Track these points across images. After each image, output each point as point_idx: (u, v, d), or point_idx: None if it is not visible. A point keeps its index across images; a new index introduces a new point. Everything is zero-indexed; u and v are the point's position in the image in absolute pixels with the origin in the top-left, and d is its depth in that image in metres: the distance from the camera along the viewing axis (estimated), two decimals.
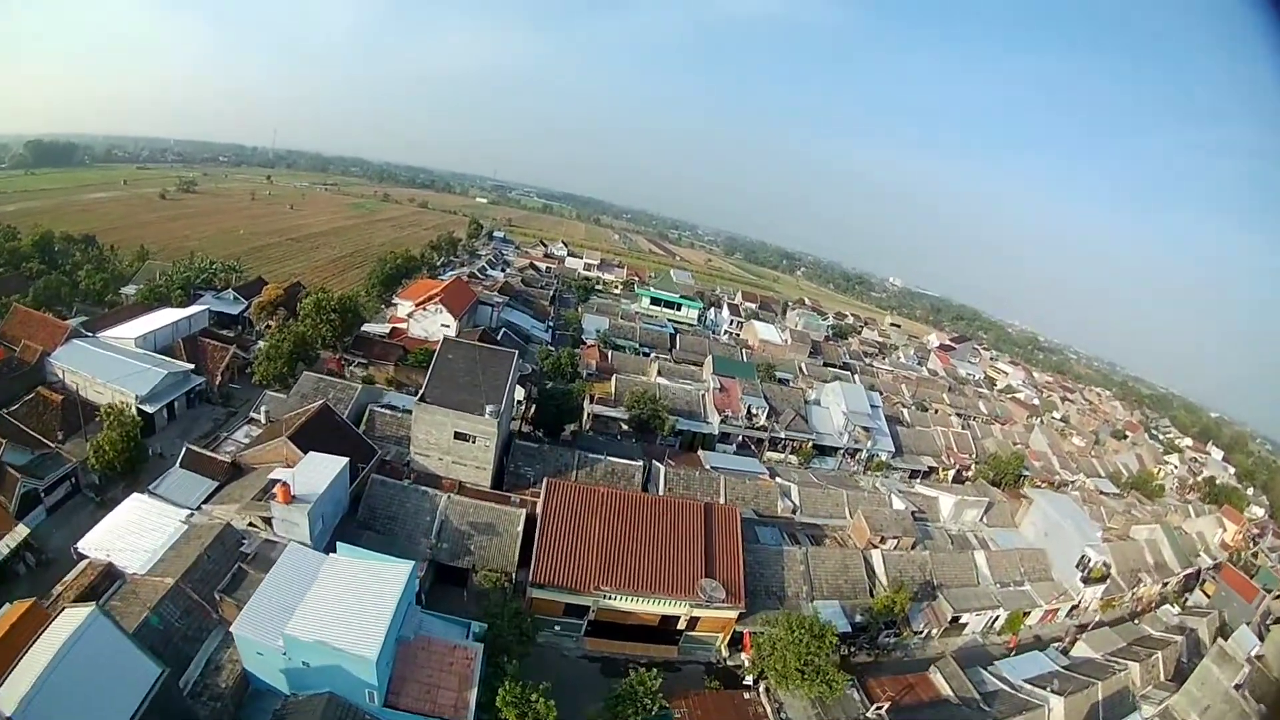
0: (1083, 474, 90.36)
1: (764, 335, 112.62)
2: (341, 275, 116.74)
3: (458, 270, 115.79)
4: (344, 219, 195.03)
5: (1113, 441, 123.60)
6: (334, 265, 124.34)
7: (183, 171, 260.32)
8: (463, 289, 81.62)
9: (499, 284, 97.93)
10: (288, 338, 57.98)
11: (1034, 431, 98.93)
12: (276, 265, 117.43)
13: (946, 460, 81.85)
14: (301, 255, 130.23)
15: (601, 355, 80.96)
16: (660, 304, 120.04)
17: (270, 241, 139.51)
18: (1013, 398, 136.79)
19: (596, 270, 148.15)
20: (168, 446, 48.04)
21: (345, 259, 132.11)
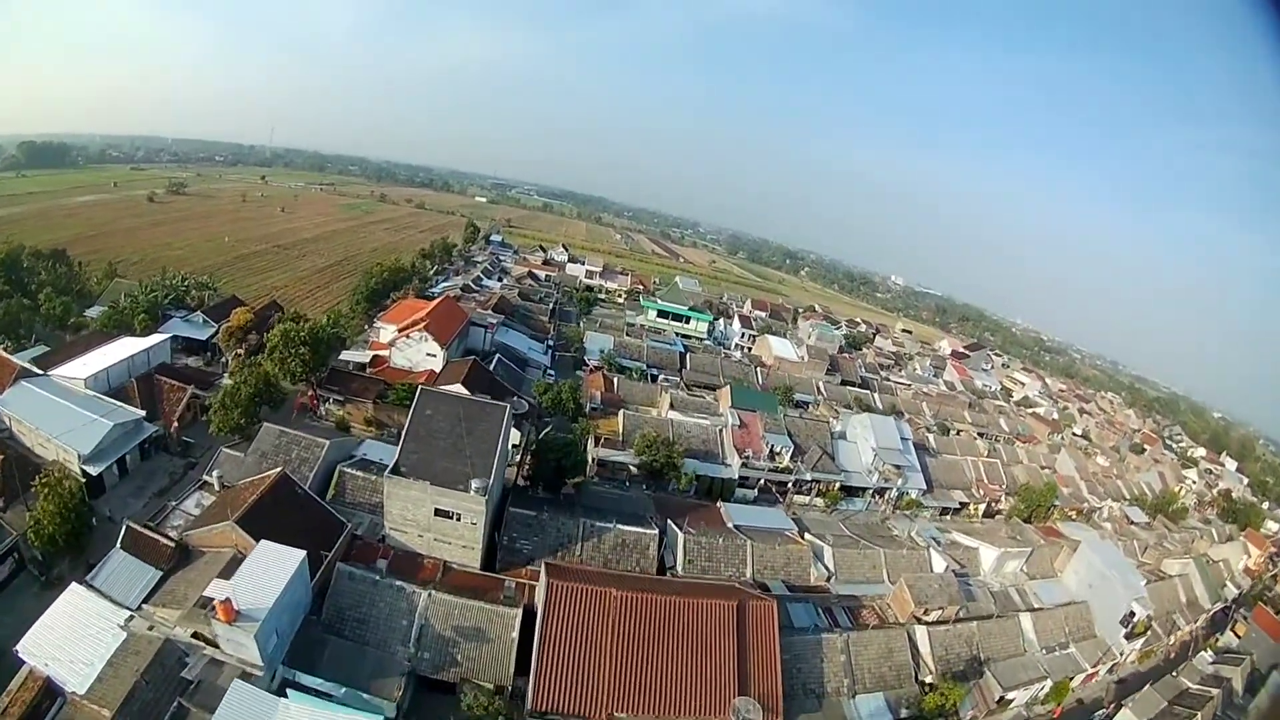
0: (1110, 499, 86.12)
1: (779, 352, 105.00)
2: (327, 288, 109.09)
3: (451, 282, 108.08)
4: (337, 222, 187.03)
5: (1133, 457, 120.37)
6: (320, 276, 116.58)
7: (176, 172, 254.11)
8: (452, 310, 73.92)
9: (494, 298, 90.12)
10: (248, 380, 50.38)
11: (1061, 454, 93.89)
12: (258, 277, 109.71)
13: (977, 493, 75.60)
14: (287, 265, 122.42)
15: (606, 383, 73.36)
16: (668, 316, 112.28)
17: (255, 249, 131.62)
18: (1033, 413, 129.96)
19: (599, 278, 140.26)
20: (119, 507, 41.93)
21: (333, 268, 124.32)
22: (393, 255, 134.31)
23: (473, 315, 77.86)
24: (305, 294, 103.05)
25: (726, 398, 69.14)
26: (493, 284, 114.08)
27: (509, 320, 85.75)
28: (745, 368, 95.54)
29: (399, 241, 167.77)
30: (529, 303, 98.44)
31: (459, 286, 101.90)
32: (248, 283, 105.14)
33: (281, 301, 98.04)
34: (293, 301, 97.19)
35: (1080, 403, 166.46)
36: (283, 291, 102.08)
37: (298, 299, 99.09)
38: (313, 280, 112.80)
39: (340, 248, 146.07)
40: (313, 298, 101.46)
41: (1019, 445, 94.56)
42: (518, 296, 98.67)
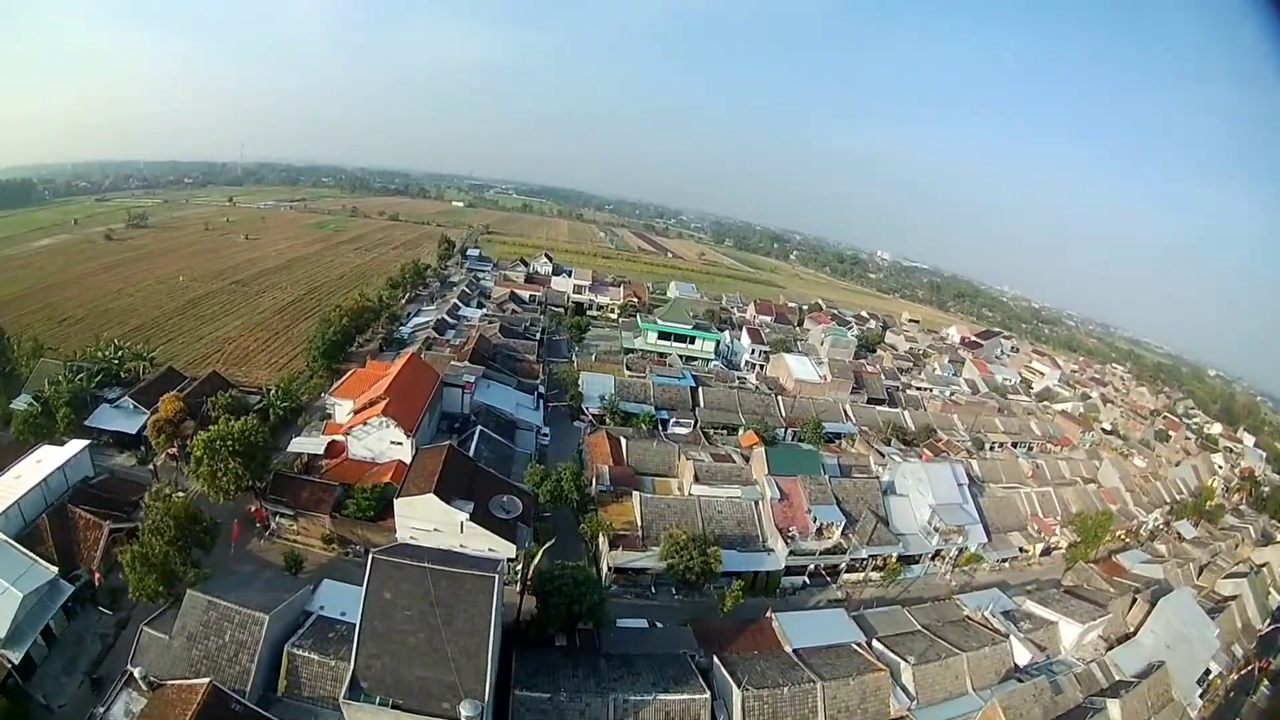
0: (1155, 506, 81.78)
1: (799, 374, 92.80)
2: (285, 334, 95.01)
3: (424, 318, 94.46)
4: (303, 245, 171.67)
5: (1161, 446, 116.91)
6: (279, 318, 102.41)
7: (143, 199, 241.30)
8: (419, 374, 60.59)
9: (471, 341, 76.77)
10: (164, 527, 37.26)
11: (1103, 464, 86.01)
12: (210, 326, 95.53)
13: (1033, 531, 67.22)
14: (243, 306, 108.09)
15: (613, 446, 60.64)
16: (669, 337, 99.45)
17: (211, 289, 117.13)
18: (1061, 411, 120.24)
19: (588, 292, 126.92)
20: (53, 690, 33.45)
21: (294, 305, 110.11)
22: (358, 287, 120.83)
23: (446, 373, 64.64)
24: (259, 346, 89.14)
25: (761, 462, 56.68)
26: (471, 312, 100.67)
27: (491, 368, 72.59)
28: (765, 399, 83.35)
29: (369, 264, 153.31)
30: (513, 339, 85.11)
31: (432, 325, 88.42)
32: (197, 335, 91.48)
33: (232, 357, 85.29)
34: (243, 358, 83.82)
35: (1098, 386, 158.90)
36: (235, 345, 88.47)
37: (249, 354, 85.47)
38: (270, 324, 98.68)
39: (304, 278, 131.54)
40: (267, 350, 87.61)
41: (1058, 456, 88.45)
42: (499, 333, 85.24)
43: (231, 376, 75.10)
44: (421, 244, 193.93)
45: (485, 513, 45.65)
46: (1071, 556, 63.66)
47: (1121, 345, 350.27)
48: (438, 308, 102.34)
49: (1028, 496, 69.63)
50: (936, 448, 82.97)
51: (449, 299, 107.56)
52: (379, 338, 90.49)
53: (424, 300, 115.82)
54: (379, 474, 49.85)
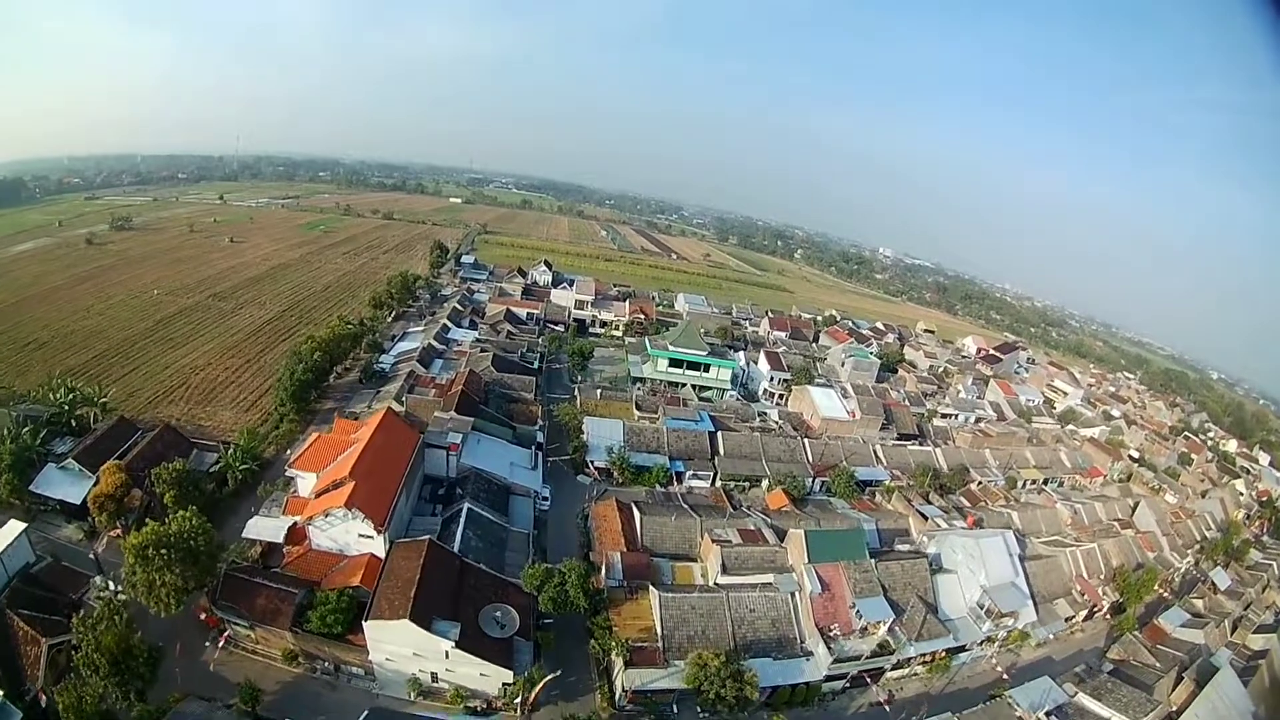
0: (1189, 550, 78.62)
1: (826, 411, 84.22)
2: (258, 361, 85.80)
3: (410, 344, 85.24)
4: (290, 249, 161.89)
5: (1188, 476, 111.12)
6: (253, 341, 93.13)
7: (134, 197, 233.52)
8: (394, 441, 51.43)
9: (461, 378, 67.74)
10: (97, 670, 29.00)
11: (1140, 506, 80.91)
12: (177, 352, 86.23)
13: (1078, 596, 61.47)
14: (216, 325, 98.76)
15: (624, 521, 51.92)
16: (682, 365, 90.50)
17: (185, 304, 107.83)
18: (1090, 439, 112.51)
19: (591, 307, 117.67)
20: None
21: (271, 326, 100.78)
22: (342, 302, 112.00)
23: (429, 430, 55.71)
24: (228, 377, 80.00)
25: (800, 549, 47.97)
26: (463, 334, 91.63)
27: (482, 414, 63.72)
28: (790, 444, 74.76)
29: (357, 272, 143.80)
30: (508, 372, 76.06)
31: (418, 354, 79.29)
32: (162, 363, 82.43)
33: (197, 392, 76.16)
34: (209, 394, 74.83)
35: (1118, 403, 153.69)
36: (202, 376, 79.41)
37: (216, 389, 76.42)
38: (242, 349, 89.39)
39: (287, 289, 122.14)
40: (236, 383, 78.50)
41: (1091, 494, 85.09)
42: (492, 365, 76.10)
43: (192, 420, 67.66)
44: (415, 246, 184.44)
45: (475, 630, 37.17)
46: (1119, 627, 59.31)
47: (1125, 347, 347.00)
48: (425, 329, 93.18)
49: (1072, 556, 63.50)
50: (973, 495, 76.74)
51: (439, 318, 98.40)
52: (360, 365, 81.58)
53: (412, 318, 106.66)
54: (348, 573, 41.08)
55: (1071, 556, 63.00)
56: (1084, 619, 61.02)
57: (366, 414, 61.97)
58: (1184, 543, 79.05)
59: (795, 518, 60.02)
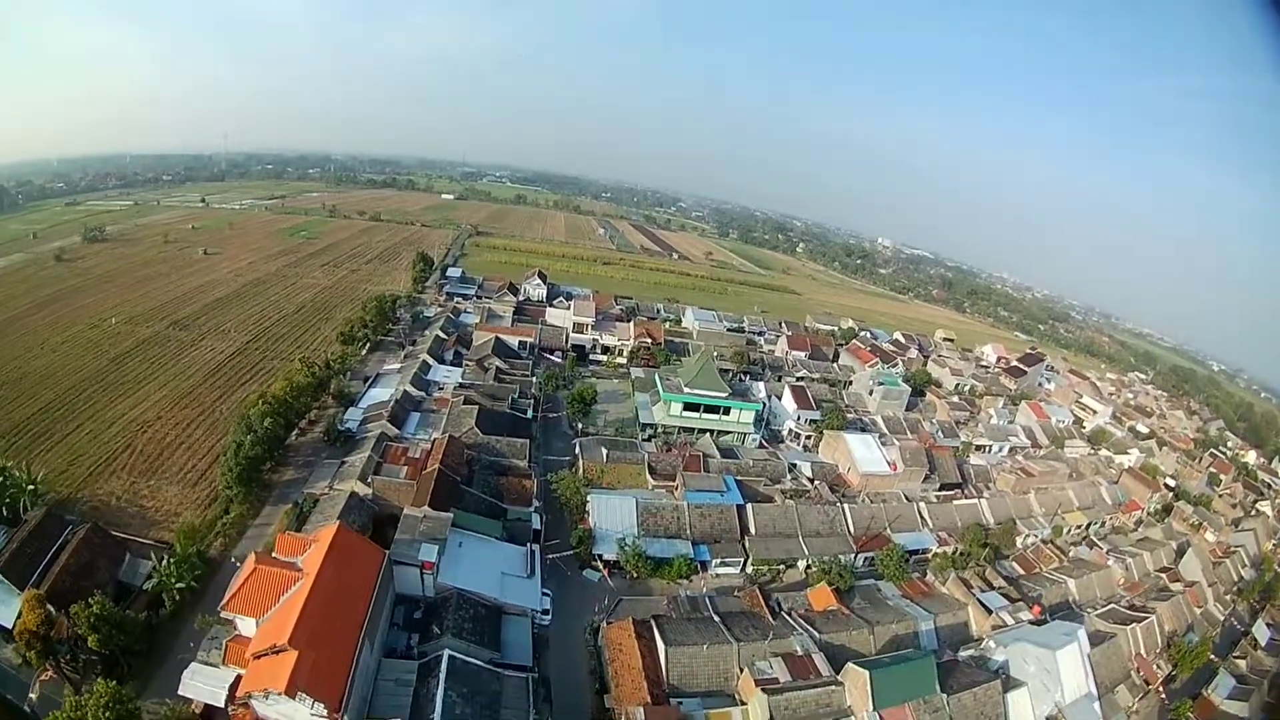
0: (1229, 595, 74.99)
1: (866, 465, 72.23)
2: (215, 409, 72.85)
3: (384, 390, 72.16)
4: (268, 260, 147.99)
5: (1220, 502, 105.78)
6: (211, 385, 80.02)
7: (117, 200, 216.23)
8: (351, 569, 38.68)
9: (439, 450, 55.02)
10: None
11: (1187, 556, 76.50)
12: (127, 399, 73.65)
13: (1136, 678, 55.73)
14: (173, 364, 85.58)
15: (643, 647, 39.80)
16: (698, 408, 77.97)
17: (145, 334, 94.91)
18: (1128, 470, 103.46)
19: (591, 330, 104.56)
20: None
21: (233, 363, 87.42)
22: (309, 338, 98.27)
23: (396, 546, 43.21)
24: (178, 435, 67.18)
25: (863, 690, 36.02)
26: (446, 373, 78.65)
27: (466, 497, 51.25)
28: (829, 512, 62.63)
29: (335, 287, 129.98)
30: (496, 433, 63.08)
31: (391, 407, 66.47)
32: (108, 417, 70.07)
33: (142, 458, 63.63)
34: (155, 461, 62.79)
35: (1142, 416, 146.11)
36: (149, 434, 66.98)
37: (163, 452, 63.99)
38: (198, 397, 76.35)
39: (256, 313, 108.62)
40: (187, 444, 65.72)
41: (1137, 540, 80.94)
42: (477, 428, 62.93)
43: (134, 499, 56.25)
44: (400, 254, 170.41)
45: None
46: (1176, 714, 52.57)
47: (1128, 340, 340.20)
48: (403, 368, 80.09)
49: (1131, 633, 57.14)
50: (1027, 562, 68.69)
51: (418, 350, 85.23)
52: (327, 417, 68.83)
53: (390, 348, 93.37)
54: None
55: (1131, 634, 57.00)
56: (1138, 699, 54.32)
57: (319, 523, 49.28)
58: (1224, 589, 75.87)
59: (845, 623, 49.15)
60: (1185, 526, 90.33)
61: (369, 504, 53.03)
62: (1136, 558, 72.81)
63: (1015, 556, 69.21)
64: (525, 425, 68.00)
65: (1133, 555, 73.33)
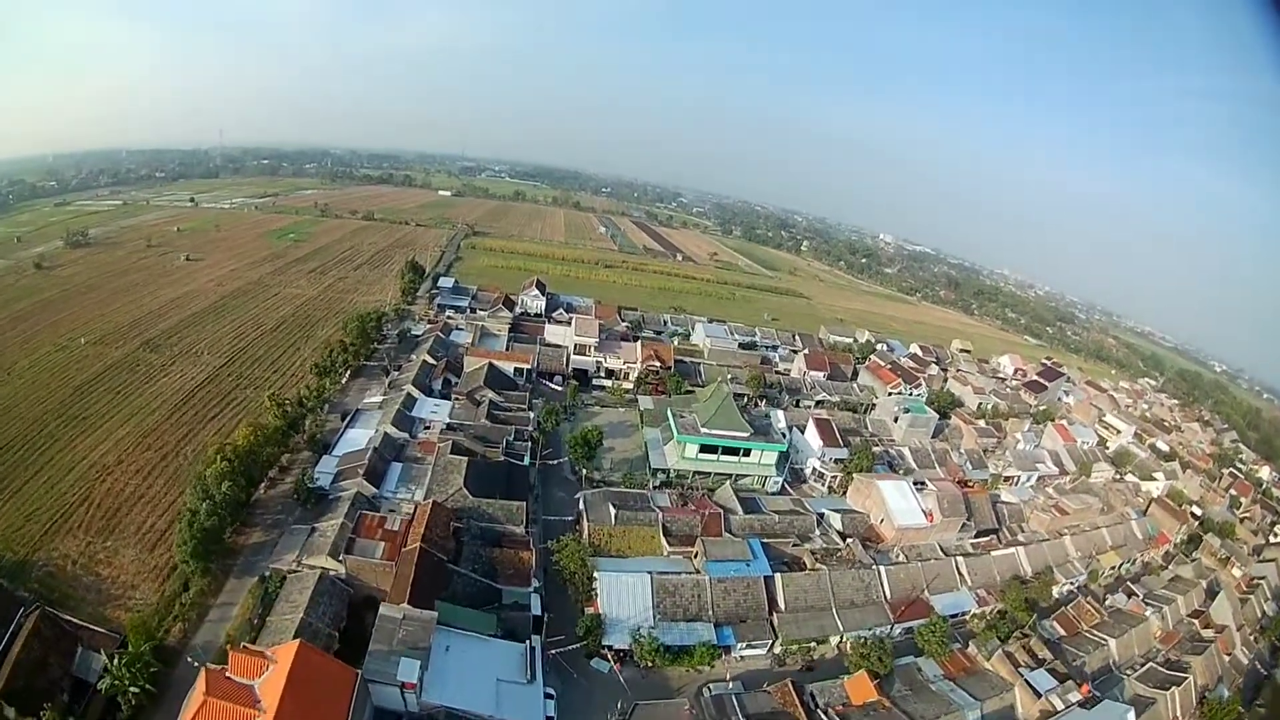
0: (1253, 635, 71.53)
1: (902, 518, 64.38)
2: (179, 450, 64.31)
3: (365, 432, 63.56)
4: (251, 267, 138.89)
5: (1242, 529, 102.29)
6: (178, 418, 71.26)
7: (107, 200, 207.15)
8: (317, 697, 31.06)
9: (419, 523, 46.77)
10: None
11: (1218, 600, 72.24)
12: (88, 438, 65.48)
13: None
14: (139, 393, 76.89)
15: None
16: (715, 449, 69.72)
17: (114, 356, 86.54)
18: (1156, 500, 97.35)
19: (594, 352, 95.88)
20: None
21: (205, 390, 78.69)
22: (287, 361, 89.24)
23: (369, 662, 35.14)
24: (138, 488, 58.69)
25: None
26: (433, 408, 70.15)
27: (450, 588, 43.17)
28: (865, 579, 54.89)
29: (319, 299, 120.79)
30: (489, 496, 54.43)
31: (368, 457, 58.14)
32: (66, 462, 62.19)
33: (100, 514, 55.74)
34: (112, 519, 55.21)
35: (1161, 433, 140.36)
36: (108, 483, 59.20)
37: (121, 507, 56.08)
38: (162, 436, 67.73)
39: (233, 330, 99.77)
40: (146, 498, 57.21)
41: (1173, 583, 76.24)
42: (467, 489, 54.32)
43: (89, 566, 49.28)
44: (392, 258, 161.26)
45: None
46: None
47: (1131, 340, 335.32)
48: (385, 402, 71.46)
49: (1170, 698, 53.27)
50: (1068, 622, 63.47)
51: (403, 379, 76.72)
52: (297, 468, 60.52)
53: (373, 374, 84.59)
54: None
55: (1170, 699, 53.25)
56: None
57: (286, 613, 41.26)
58: (1250, 629, 72.97)
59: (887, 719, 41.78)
60: (1213, 561, 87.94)
61: (342, 585, 45.10)
62: (1171, 604, 69.22)
63: (1056, 615, 63.25)
64: (521, 478, 59.65)
65: (1167, 601, 69.87)
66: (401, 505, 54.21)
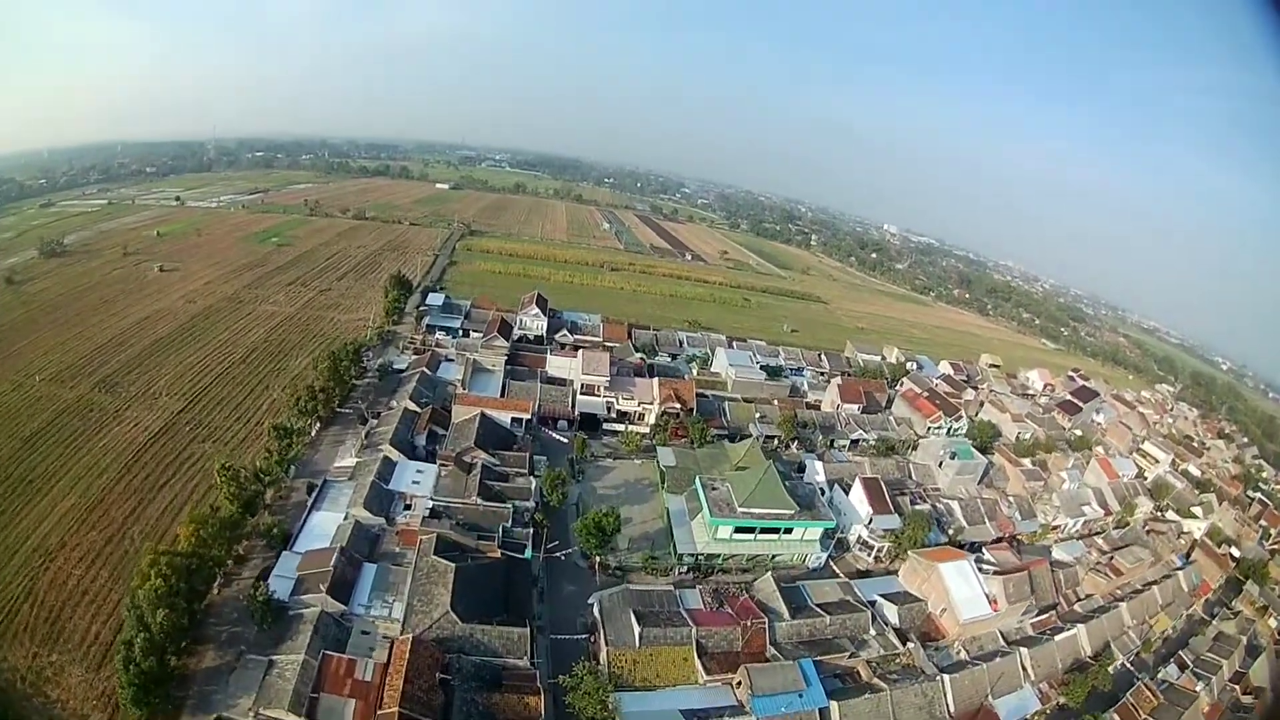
0: None
1: (968, 610, 54.64)
2: (130, 525, 53.54)
3: (328, 514, 52.00)
4: (229, 277, 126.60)
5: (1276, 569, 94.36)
6: (128, 480, 59.85)
7: (92, 200, 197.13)
8: None
9: (401, 664, 35.88)
10: None
11: (1259, 662, 66.98)
12: (34, 509, 55.81)
13: None
14: (90, 444, 65.89)
15: None
16: (753, 530, 58.62)
17: (68, 399, 75.48)
18: (1201, 546, 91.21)
19: (604, 390, 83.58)
20: None
21: (159, 444, 67.04)
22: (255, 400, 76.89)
23: None
24: (82, 580, 48.17)
25: None
26: (414, 483, 58.00)
27: None
28: (927, 694, 44.78)
29: (296, 319, 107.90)
30: (483, 619, 42.81)
31: (337, 551, 46.96)
32: (11, 539, 54.04)
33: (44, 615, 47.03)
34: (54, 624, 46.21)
35: (1193, 456, 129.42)
36: (52, 573, 50.71)
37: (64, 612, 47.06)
38: (107, 511, 56.25)
39: (197, 362, 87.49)
40: (90, 596, 46.99)
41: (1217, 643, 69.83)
42: (455, 613, 42.75)
43: (36, 684, 40.78)
44: (380, 264, 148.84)
45: None
46: None
47: (1140, 339, 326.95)
48: (357, 471, 59.88)
49: None
50: (1131, 714, 54.90)
51: (381, 437, 64.79)
52: (254, 567, 49.39)
53: (348, 421, 72.59)
54: None
55: None
56: None
57: None
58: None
59: None
60: (1251, 610, 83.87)
61: None
62: (1217, 672, 63.96)
63: (1117, 708, 55.15)
64: (523, 579, 48.62)
65: (1213, 669, 64.60)
66: (376, 627, 43.30)
